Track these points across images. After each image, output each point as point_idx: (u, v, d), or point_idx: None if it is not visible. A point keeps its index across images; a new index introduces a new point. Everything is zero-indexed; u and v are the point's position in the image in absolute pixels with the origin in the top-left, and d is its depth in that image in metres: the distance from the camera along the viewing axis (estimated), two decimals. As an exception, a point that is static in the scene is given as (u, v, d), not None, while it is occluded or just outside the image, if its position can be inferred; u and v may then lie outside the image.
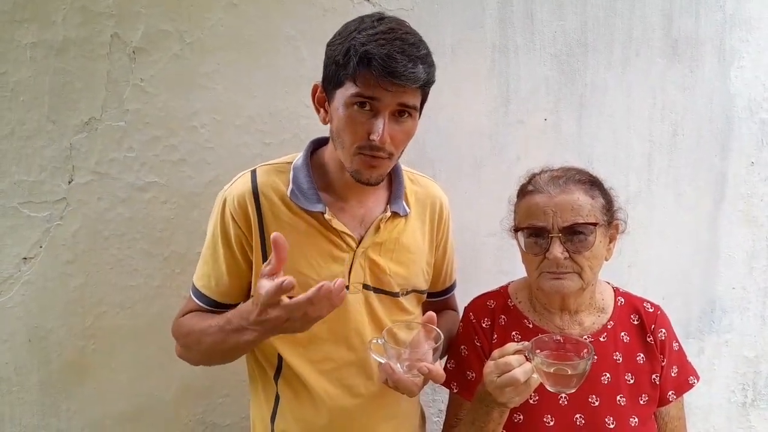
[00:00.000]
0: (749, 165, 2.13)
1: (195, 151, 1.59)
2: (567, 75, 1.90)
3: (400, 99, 1.09)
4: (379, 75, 1.04)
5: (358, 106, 1.09)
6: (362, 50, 1.04)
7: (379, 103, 1.08)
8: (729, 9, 2.02)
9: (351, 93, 1.08)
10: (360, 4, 1.68)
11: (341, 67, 1.08)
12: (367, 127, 1.09)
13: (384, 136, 1.09)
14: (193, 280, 1.27)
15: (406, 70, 1.04)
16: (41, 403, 1.56)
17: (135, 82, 1.51)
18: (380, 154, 1.12)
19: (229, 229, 1.20)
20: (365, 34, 1.06)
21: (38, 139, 1.47)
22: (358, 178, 1.16)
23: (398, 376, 1.10)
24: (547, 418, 1.24)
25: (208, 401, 1.69)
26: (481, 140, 1.86)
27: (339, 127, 1.13)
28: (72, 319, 1.55)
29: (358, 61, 1.04)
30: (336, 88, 1.11)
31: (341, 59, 1.07)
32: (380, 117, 1.09)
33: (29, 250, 1.50)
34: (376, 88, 1.06)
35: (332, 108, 1.14)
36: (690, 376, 1.34)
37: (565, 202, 1.21)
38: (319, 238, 1.21)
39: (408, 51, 1.06)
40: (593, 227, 1.20)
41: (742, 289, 2.21)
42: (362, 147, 1.11)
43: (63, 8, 1.44)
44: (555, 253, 1.18)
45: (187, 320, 1.24)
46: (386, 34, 1.06)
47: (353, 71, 1.05)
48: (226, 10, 1.56)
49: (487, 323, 1.36)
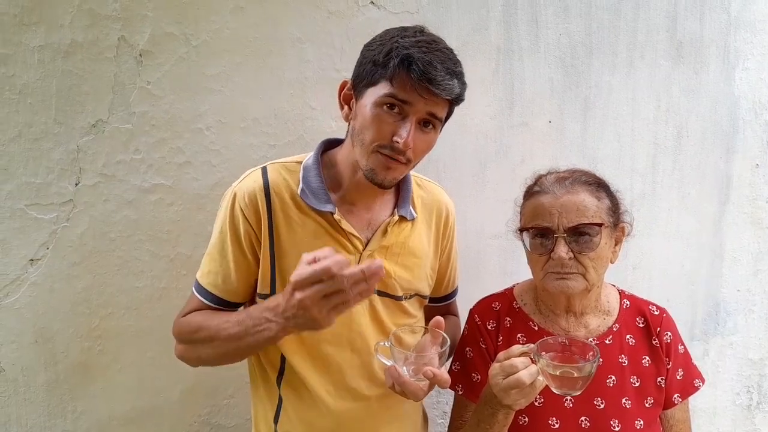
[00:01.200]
0: (754, 167, 2.13)
1: (201, 153, 1.59)
2: (571, 77, 1.91)
3: (431, 108, 1.11)
4: (417, 79, 1.05)
5: (388, 107, 1.10)
6: (405, 53, 1.06)
7: (410, 108, 1.09)
8: (733, 11, 2.02)
9: (384, 93, 1.09)
10: (365, 8, 1.68)
11: (379, 66, 1.09)
12: (392, 128, 1.10)
13: (408, 140, 1.10)
14: (198, 278, 1.26)
15: (444, 80, 1.07)
16: (47, 404, 1.57)
17: (142, 84, 1.52)
18: (399, 157, 1.13)
19: (238, 224, 1.20)
20: (408, 40, 1.08)
21: (45, 141, 1.47)
22: (371, 178, 1.16)
23: (404, 379, 1.11)
24: (552, 421, 1.24)
25: (214, 402, 1.70)
26: (486, 142, 1.86)
27: (363, 124, 1.13)
28: (78, 321, 1.56)
29: (398, 62, 1.06)
30: (368, 87, 1.12)
31: (381, 59, 1.09)
32: (408, 121, 1.10)
33: (36, 251, 1.50)
34: (411, 92, 1.08)
35: (359, 105, 1.15)
36: (695, 379, 1.33)
37: (571, 202, 1.21)
38: (327, 239, 1.21)
39: (447, 63, 1.09)
40: (598, 228, 1.21)
41: (747, 291, 2.20)
42: (383, 146, 1.12)
43: (70, 11, 1.45)
44: (560, 253, 1.19)
45: (193, 317, 1.23)
46: (429, 44, 1.09)
47: (392, 71, 1.07)
48: (233, 13, 1.57)
49: (493, 325, 1.36)
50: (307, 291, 0.96)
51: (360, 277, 0.95)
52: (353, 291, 0.96)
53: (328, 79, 1.67)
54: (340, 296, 0.96)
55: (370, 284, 0.97)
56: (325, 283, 0.95)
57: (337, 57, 1.67)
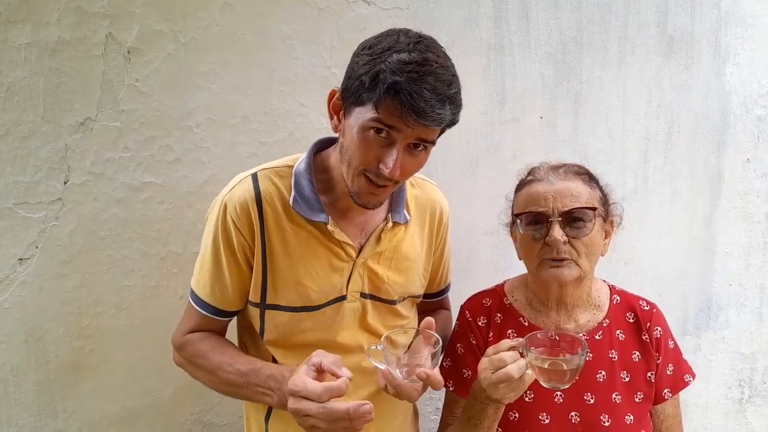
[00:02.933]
0: (745, 162, 2.14)
1: (190, 151, 1.58)
2: (562, 73, 1.90)
3: (420, 135, 1.05)
4: (404, 110, 0.99)
5: (374, 131, 1.04)
6: (391, 80, 0.98)
7: (398, 134, 1.03)
8: (724, 6, 2.02)
9: (370, 117, 1.02)
10: (355, 4, 1.67)
11: (366, 89, 1.02)
12: (378, 155, 1.05)
13: (395, 169, 1.04)
14: (193, 287, 1.24)
15: (433, 111, 1.00)
16: (38, 404, 1.56)
17: (130, 82, 1.51)
18: (386, 183, 1.09)
19: (231, 236, 1.17)
20: (397, 59, 0.99)
21: (33, 139, 1.46)
22: (356, 200, 1.13)
23: (398, 382, 1.10)
24: (543, 416, 1.24)
25: (205, 401, 1.69)
26: (477, 138, 1.86)
27: (350, 145, 1.08)
28: (68, 320, 1.55)
29: (385, 90, 0.99)
30: (356, 105, 1.05)
31: (367, 81, 1.01)
32: (395, 148, 1.04)
33: (25, 250, 1.50)
34: (398, 121, 1.01)
35: (347, 123, 1.09)
36: (685, 374, 1.34)
37: (565, 188, 1.23)
38: (320, 248, 1.19)
39: (438, 89, 1.00)
40: (592, 213, 1.22)
41: (738, 285, 2.21)
42: (369, 171, 1.08)
43: (57, 9, 1.44)
44: (555, 235, 1.19)
45: (199, 342, 1.23)
46: (420, 66, 0.99)
47: (378, 98, 1.00)
48: (221, 9, 1.56)
49: (483, 321, 1.36)
50: (296, 404, 1.01)
51: (342, 416, 0.99)
52: (333, 425, 1.00)
53: (318, 76, 1.66)
54: (320, 422, 1.00)
55: (354, 425, 1.00)
56: (310, 404, 0.99)
57: (327, 54, 1.66)
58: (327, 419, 0.98)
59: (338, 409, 0.98)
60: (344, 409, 0.98)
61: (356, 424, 0.99)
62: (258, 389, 1.13)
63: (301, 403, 1.00)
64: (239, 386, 1.16)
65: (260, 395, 1.13)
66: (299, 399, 1.00)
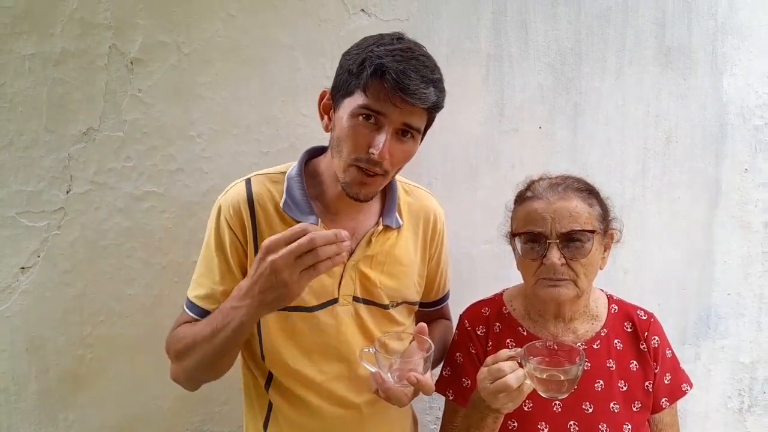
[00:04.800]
0: (743, 172, 2.15)
1: (192, 161, 1.60)
2: (561, 83, 1.92)
3: (407, 118, 1.10)
4: (391, 89, 1.04)
5: (363, 117, 1.09)
6: (378, 62, 1.05)
7: (385, 119, 1.08)
8: (721, 17, 2.04)
9: (358, 104, 1.08)
10: (356, 15, 1.69)
11: (353, 76, 1.08)
12: (368, 140, 1.09)
13: (384, 151, 1.09)
14: (187, 294, 1.25)
15: (418, 89, 1.05)
16: (39, 413, 1.56)
17: (133, 92, 1.53)
18: (376, 169, 1.12)
19: (224, 235, 1.20)
20: (383, 49, 1.07)
21: (36, 149, 1.48)
22: (347, 192, 1.16)
23: (388, 385, 1.11)
24: (542, 425, 1.24)
25: (206, 410, 1.70)
26: (477, 148, 1.87)
27: (340, 136, 1.13)
28: (70, 329, 1.56)
29: (372, 72, 1.05)
30: (344, 97, 1.11)
31: (355, 68, 1.08)
32: (383, 132, 1.09)
33: (27, 259, 1.51)
34: (385, 102, 1.06)
35: (337, 116, 1.15)
36: (683, 383, 1.34)
37: (564, 208, 1.22)
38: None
39: (422, 72, 1.07)
40: (590, 234, 1.22)
41: (737, 295, 2.22)
42: (359, 159, 1.11)
43: (61, 20, 1.45)
44: (552, 259, 1.19)
45: (178, 330, 1.21)
46: (404, 52, 1.07)
47: (365, 81, 1.06)
48: (224, 21, 1.58)
49: (482, 330, 1.37)
50: (280, 252, 0.95)
51: (332, 239, 0.95)
52: (324, 252, 0.95)
53: (319, 86, 1.63)
54: (311, 257, 0.95)
55: (339, 248, 0.97)
56: (297, 243, 0.94)
57: (328, 64, 1.68)
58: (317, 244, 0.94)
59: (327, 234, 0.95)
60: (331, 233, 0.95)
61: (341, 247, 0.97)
62: (226, 320, 1.06)
63: (286, 250, 0.95)
64: (214, 334, 1.08)
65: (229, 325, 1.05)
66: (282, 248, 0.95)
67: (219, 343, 1.08)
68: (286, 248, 0.95)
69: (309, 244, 0.94)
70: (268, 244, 0.97)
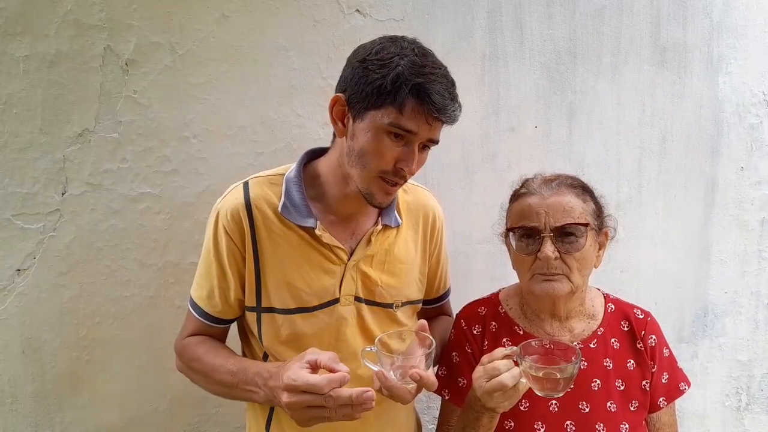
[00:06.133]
0: (739, 170, 2.15)
1: (187, 162, 1.60)
2: (556, 83, 1.92)
3: (433, 135, 1.13)
4: (430, 111, 1.06)
5: (393, 136, 1.10)
6: (415, 82, 1.05)
7: (415, 137, 1.10)
8: (716, 16, 2.04)
9: (390, 121, 1.07)
10: (351, 15, 1.69)
11: (386, 93, 1.06)
12: (396, 155, 1.11)
13: (415, 167, 1.13)
14: (190, 292, 1.28)
15: (454, 110, 1.10)
16: (35, 415, 1.56)
17: (128, 93, 1.52)
18: (401, 181, 1.15)
19: (221, 242, 1.20)
20: (410, 62, 1.06)
21: (31, 151, 1.48)
22: (370, 201, 1.17)
23: (391, 383, 1.11)
24: (538, 425, 1.24)
25: (203, 411, 1.69)
26: (473, 148, 1.87)
27: (365, 149, 1.12)
28: (66, 330, 1.55)
29: (409, 92, 1.05)
30: (370, 109, 1.09)
31: (389, 86, 1.05)
32: (412, 149, 1.12)
33: (23, 261, 1.50)
34: (421, 123, 1.08)
35: (358, 127, 1.12)
36: (681, 382, 1.34)
37: (558, 203, 1.22)
38: (311, 251, 1.21)
39: (451, 89, 1.10)
40: (584, 228, 1.22)
41: (734, 293, 2.22)
42: (386, 172, 1.13)
43: (55, 21, 1.45)
44: (546, 252, 1.19)
45: (195, 346, 1.26)
46: (434, 69, 1.08)
47: (402, 100, 1.05)
48: (218, 22, 1.58)
49: (478, 330, 1.37)
50: (294, 397, 1.02)
51: (347, 402, 1.01)
52: (338, 412, 1.02)
53: (314, 86, 1.68)
54: (323, 411, 1.02)
55: (354, 411, 1.02)
56: (313, 396, 1.01)
57: (324, 65, 1.68)
58: (332, 406, 1.01)
59: (343, 395, 1.00)
60: (348, 395, 1.01)
61: (357, 410, 1.02)
62: (246, 387, 1.15)
63: (302, 397, 1.02)
64: (230, 386, 1.18)
65: (248, 393, 1.16)
66: (299, 393, 1.02)
67: (233, 395, 1.21)
68: (301, 398, 1.02)
69: (320, 400, 1.01)
70: (288, 384, 1.03)
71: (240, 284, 1.23)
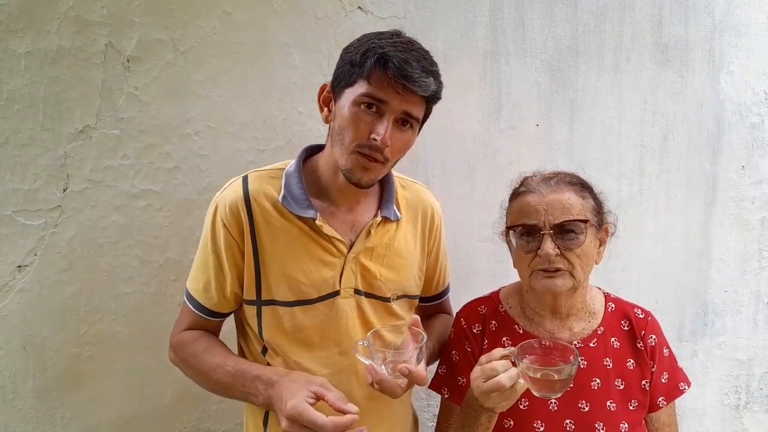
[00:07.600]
0: (740, 169, 2.15)
1: (189, 159, 1.60)
2: (558, 81, 1.92)
3: (407, 107, 1.13)
4: (393, 76, 1.08)
5: (365, 106, 1.12)
6: (381, 51, 1.09)
7: (386, 107, 1.12)
8: (718, 15, 2.04)
9: (361, 92, 1.11)
10: (353, 13, 1.69)
11: (356, 66, 1.12)
12: (370, 127, 1.12)
13: (386, 137, 1.12)
14: (186, 284, 1.29)
15: (420, 77, 1.10)
16: (36, 411, 1.57)
17: (129, 90, 1.52)
18: (377, 155, 1.14)
19: (219, 236, 1.21)
20: (385, 41, 1.12)
21: (33, 147, 1.48)
22: (349, 178, 1.17)
23: (381, 376, 1.12)
24: (537, 424, 1.25)
25: (204, 407, 1.70)
26: (474, 146, 1.87)
27: (342, 124, 1.15)
28: (67, 327, 1.56)
29: (375, 61, 1.09)
30: (346, 87, 1.14)
31: (358, 59, 1.11)
32: (385, 119, 1.12)
33: (24, 257, 1.51)
34: (388, 90, 1.10)
35: (337, 106, 1.17)
36: (680, 382, 1.34)
37: (557, 200, 1.23)
38: (311, 244, 1.22)
39: (423, 62, 1.12)
40: (584, 225, 1.22)
41: (734, 292, 2.22)
42: (361, 146, 1.13)
43: (57, 18, 1.45)
44: (547, 249, 1.20)
45: (192, 342, 1.26)
46: (405, 44, 1.13)
47: (369, 70, 1.10)
48: (220, 18, 1.58)
49: (478, 329, 1.37)
50: (295, 428, 1.05)
51: None
52: None
53: (316, 84, 1.63)
54: None
55: None
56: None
57: (325, 62, 1.68)
58: None
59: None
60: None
61: None
62: (244, 390, 1.17)
63: (303, 431, 1.04)
64: (228, 386, 1.20)
65: (246, 395, 1.18)
66: (300, 427, 1.04)
67: (230, 396, 1.23)
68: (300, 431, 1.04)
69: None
70: (292, 413, 1.05)
71: (237, 278, 1.23)
